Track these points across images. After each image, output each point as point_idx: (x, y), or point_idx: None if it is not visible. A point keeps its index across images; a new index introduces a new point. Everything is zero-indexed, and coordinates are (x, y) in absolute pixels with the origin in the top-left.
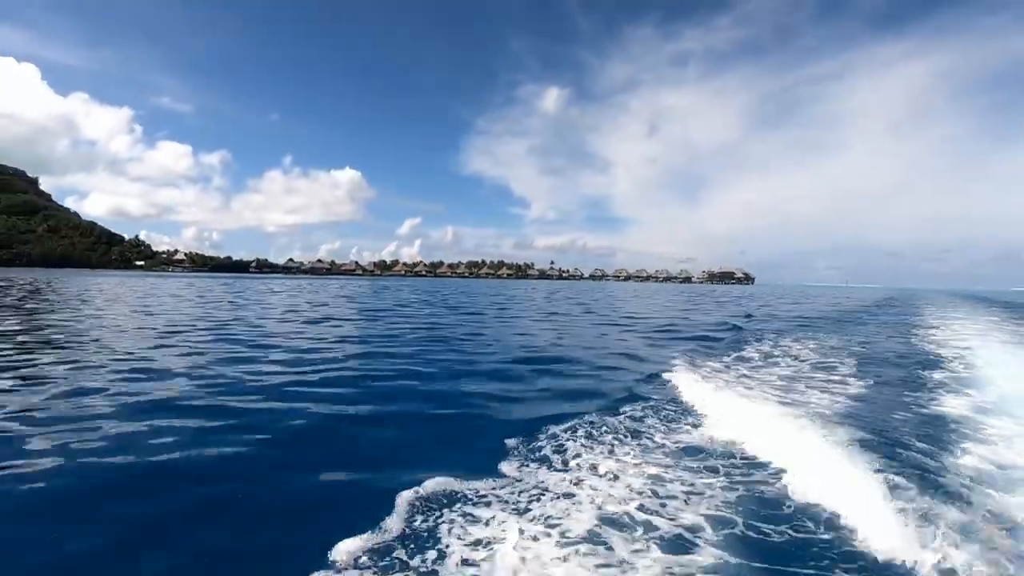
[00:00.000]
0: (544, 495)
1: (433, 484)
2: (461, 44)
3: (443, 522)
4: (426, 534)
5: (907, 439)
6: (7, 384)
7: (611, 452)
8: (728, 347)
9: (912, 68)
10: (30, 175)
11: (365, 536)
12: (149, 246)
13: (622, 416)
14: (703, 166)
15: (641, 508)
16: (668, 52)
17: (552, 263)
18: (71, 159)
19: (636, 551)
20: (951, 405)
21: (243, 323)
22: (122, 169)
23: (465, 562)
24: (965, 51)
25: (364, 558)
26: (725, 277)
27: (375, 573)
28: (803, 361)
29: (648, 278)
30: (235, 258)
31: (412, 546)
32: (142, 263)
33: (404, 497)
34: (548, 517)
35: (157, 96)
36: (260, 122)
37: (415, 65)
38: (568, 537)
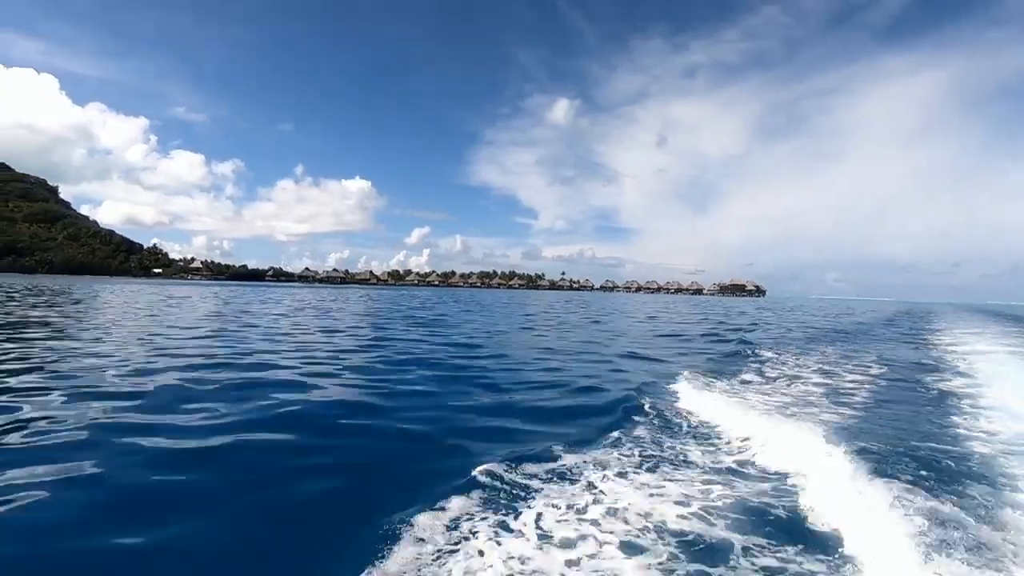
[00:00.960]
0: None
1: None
2: (470, 56)
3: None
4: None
5: (922, 451)
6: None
7: (627, 464)
8: (745, 357)
9: (920, 80)
10: (50, 184)
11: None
12: (166, 254)
13: (635, 428)
14: (712, 177)
15: (650, 519)
16: (676, 64)
17: (563, 274)
18: (87, 168)
19: (639, 557)
20: (963, 415)
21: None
22: (136, 178)
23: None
24: (972, 63)
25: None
26: (736, 289)
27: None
28: (818, 371)
29: (659, 289)
30: (247, 266)
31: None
32: (160, 271)
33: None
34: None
35: (172, 106)
36: (273, 132)
37: (424, 76)
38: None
